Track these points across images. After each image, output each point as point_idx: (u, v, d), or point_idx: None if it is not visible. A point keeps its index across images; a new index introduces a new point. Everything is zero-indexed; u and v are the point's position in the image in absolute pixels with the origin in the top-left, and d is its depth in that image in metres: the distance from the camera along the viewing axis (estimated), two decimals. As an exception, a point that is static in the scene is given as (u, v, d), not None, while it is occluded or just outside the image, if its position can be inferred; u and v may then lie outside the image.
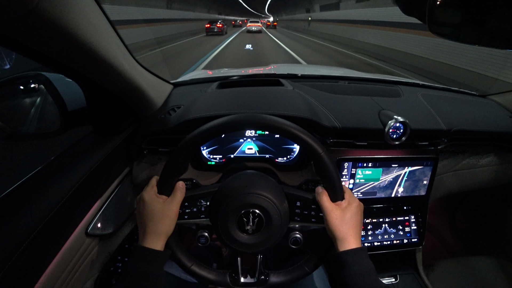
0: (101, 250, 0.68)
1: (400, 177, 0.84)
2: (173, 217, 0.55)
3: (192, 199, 0.60)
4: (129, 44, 0.60)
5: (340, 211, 0.56)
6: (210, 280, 0.61)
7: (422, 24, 0.53)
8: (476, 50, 5.57)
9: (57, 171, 0.57)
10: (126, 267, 0.52)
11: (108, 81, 0.57)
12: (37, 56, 0.44)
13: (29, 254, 0.46)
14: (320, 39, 16.79)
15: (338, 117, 0.77)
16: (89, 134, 0.71)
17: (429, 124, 0.81)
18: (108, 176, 0.68)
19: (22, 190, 0.52)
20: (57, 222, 0.51)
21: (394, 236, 0.91)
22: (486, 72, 5.39)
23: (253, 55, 9.27)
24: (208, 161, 0.84)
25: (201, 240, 0.64)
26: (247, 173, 0.65)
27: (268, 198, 0.57)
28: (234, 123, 0.54)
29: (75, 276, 0.58)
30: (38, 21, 0.34)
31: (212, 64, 7.41)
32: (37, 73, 0.62)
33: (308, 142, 0.54)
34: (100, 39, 0.46)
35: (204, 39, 15.69)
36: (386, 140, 0.76)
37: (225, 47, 11.59)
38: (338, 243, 0.55)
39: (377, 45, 10.38)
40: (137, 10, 11.74)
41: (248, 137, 0.83)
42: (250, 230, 0.58)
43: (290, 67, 1.89)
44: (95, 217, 0.63)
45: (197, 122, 0.68)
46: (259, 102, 0.81)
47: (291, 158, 0.85)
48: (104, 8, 0.48)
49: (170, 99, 0.87)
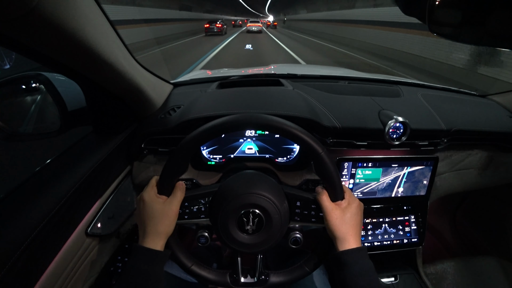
0: (101, 250, 0.68)
1: (400, 177, 0.84)
2: (173, 217, 0.55)
3: (192, 199, 0.60)
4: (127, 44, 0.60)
5: (340, 211, 0.56)
6: (210, 280, 0.61)
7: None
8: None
9: (57, 171, 0.57)
10: (126, 267, 0.52)
11: (108, 81, 0.57)
12: (37, 56, 0.44)
13: (29, 254, 0.46)
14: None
15: (338, 117, 0.77)
16: (89, 134, 0.71)
17: (429, 124, 0.80)
18: (108, 176, 0.68)
19: (22, 190, 0.52)
20: (57, 222, 0.51)
21: (394, 236, 0.91)
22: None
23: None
24: (208, 161, 0.84)
25: (201, 240, 0.64)
26: (247, 173, 0.65)
27: (268, 198, 0.57)
28: (234, 123, 0.54)
29: (75, 276, 0.58)
30: (38, 21, 0.34)
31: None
32: (37, 73, 0.62)
33: (308, 142, 0.54)
34: (100, 39, 0.46)
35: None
36: (386, 140, 0.76)
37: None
38: (338, 243, 0.55)
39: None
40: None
41: (248, 137, 0.83)
42: (250, 230, 0.58)
43: (290, 67, 1.89)
44: (95, 217, 0.63)
45: (197, 122, 0.68)
46: (259, 102, 0.81)
47: (291, 158, 0.85)
48: (104, 8, 0.48)
49: (170, 99, 0.87)
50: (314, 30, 21.21)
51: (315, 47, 12.67)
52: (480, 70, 5.83)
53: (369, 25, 11.67)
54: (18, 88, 0.65)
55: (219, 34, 18.28)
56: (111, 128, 0.71)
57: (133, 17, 10.95)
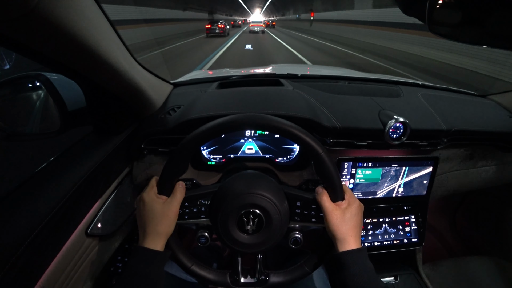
0: (101, 250, 0.67)
1: (400, 177, 0.84)
2: (173, 217, 0.55)
3: (192, 199, 0.60)
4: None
5: (340, 212, 0.55)
6: (210, 280, 0.61)
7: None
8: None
9: (57, 171, 0.57)
10: (126, 268, 0.52)
11: (108, 81, 0.57)
12: (37, 56, 0.44)
13: (29, 254, 0.46)
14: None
15: (338, 117, 0.77)
16: (89, 134, 0.71)
17: (429, 124, 0.80)
18: (108, 176, 0.68)
19: (22, 190, 0.52)
20: (57, 222, 0.51)
21: (394, 236, 0.91)
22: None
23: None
24: (208, 161, 0.84)
25: (201, 240, 0.64)
26: (247, 173, 0.65)
27: (268, 198, 0.57)
28: (234, 123, 0.54)
29: (75, 276, 0.58)
30: (38, 21, 0.34)
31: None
32: (37, 73, 0.62)
33: (308, 142, 0.54)
34: (100, 39, 0.46)
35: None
36: (386, 140, 0.76)
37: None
38: (338, 243, 0.55)
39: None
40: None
41: (248, 137, 0.83)
42: (250, 230, 0.58)
43: (290, 67, 1.89)
44: (95, 217, 0.63)
45: (197, 122, 0.68)
46: (259, 102, 0.81)
47: (291, 158, 0.85)
48: (104, 8, 0.48)
49: (170, 99, 0.87)
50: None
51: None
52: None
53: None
54: (18, 88, 0.65)
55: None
56: (111, 128, 0.71)
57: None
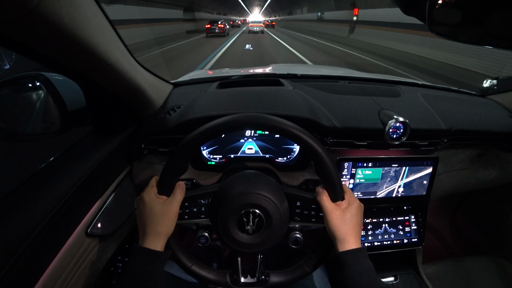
0: (101, 250, 0.67)
1: (400, 177, 0.84)
2: (173, 217, 0.55)
3: (192, 199, 0.60)
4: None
5: (340, 212, 0.55)
6: (210, 280, 0.61)
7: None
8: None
9: (57, 171, 0.57)
10: (126, 268, 0.52)
11: (108, 81, 0.57)
12: (37, 56, 0.44)
13: (29, 254, 0.46)
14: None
15: (338, 117, 0.77)
16: (89, 134, 0.71)
17: (429, 124, 0.80)
18: (108, 176, 0.68)
19: (22, 190, 0.52)
20: (57, 222, 0.51)
21: (394, 236, 0.91)
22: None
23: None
24: (208, 161, 0.84)
25: (201, 240, 0.64)
26: (247, 173, 0.65)
27: (268, 198, 0.57)
28: (234, 123, 0.54)
29: (75, 276, 0.58)
30: (38, 21, 0.34)
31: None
32: (37, 73, 0.62)
33: (308, 142, 0.54)
34: (100, 39, 0.46)
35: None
36: (386, 140, 0.76)
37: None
38: (338, 243, 0.55)
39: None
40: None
41: (248, 137, 0.83)
42: (250, 230, 0.58)
43: (290, 67, 1.89)
44: (95, 217, 0.63)
45: (197, 122, 0.68)
46: (259, 102, 0.81)
47: (291, 158, 0.85)
48: (104, 8, 0.48)
49: (170, 99, 0.87)
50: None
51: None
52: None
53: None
54: (18, 88, 0.65)
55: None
56: (111, 128, 0.71)
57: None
